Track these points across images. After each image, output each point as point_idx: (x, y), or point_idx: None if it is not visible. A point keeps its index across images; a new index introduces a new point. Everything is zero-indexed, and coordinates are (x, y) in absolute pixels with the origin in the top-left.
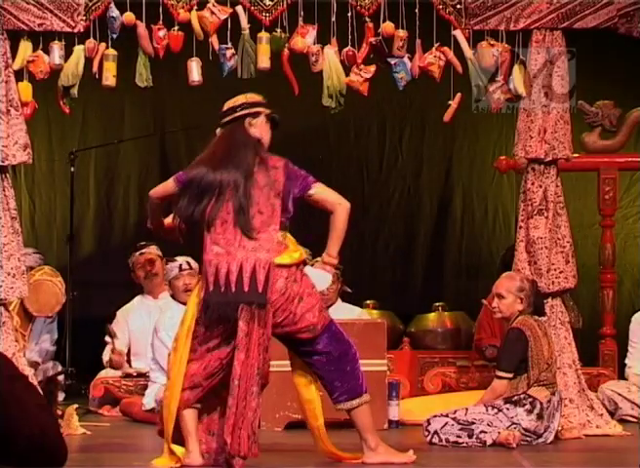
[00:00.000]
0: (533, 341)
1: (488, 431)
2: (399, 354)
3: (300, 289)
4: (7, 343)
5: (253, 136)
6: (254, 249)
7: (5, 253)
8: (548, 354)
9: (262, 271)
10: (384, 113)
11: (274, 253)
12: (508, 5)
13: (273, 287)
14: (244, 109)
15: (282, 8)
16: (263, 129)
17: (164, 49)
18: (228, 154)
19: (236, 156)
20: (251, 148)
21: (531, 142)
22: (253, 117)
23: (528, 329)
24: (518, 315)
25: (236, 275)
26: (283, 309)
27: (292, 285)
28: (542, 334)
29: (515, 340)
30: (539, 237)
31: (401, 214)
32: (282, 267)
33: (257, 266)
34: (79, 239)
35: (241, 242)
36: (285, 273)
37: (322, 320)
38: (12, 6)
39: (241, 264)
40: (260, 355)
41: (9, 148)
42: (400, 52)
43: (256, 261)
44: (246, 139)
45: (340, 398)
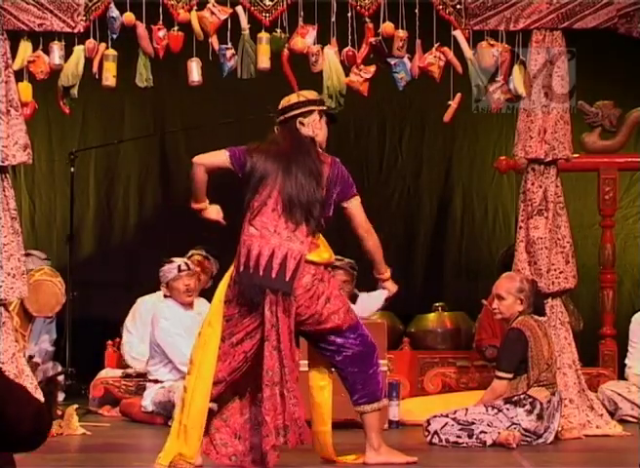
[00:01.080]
0: (533, 342)
1: (488, 431)
2: (399, 354)
3: (326, 289)
4: (7, 343)
5: (305, 135)
6: (288, 238)
7: (5, 254)
8: (548, 354)
9: (293, 261)
10: (384, 113)
11: (307, 247)
12: (508, 5)
13: (300, 281)
14: (294, 109)
15: (282, 8)
16: (317, 126)
17: (164, 49)
18: (285, 153)
19: (294, 155)
20: (304, 148)
21: (531, 143)
22: (304, 116)
23: (528, 329)
24: (518, 315)
25: (266, 259)
26: (307, 306)
27: (318, 283)
28: (543, 335)
29: (515, 341)
30: (538, 237)
31: (401, 214)
32: (311, 264)
33: (288, 255)
34: (79, 239)
35: (277, 228)
36: (313, 270)
37: (348, 321)
38: (12, 6)
39: (273, 250)
40: (290, 346)
41: (9, 148)
42: (400, 52)
43: (288, 250)
44: (298, 140)
45: (359, 400)
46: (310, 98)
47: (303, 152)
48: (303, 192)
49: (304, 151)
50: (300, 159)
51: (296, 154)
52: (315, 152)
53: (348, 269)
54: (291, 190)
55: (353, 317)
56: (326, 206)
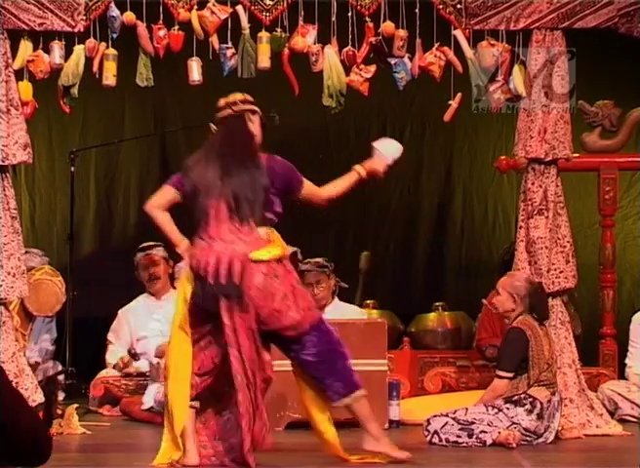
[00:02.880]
0: (534, 341)
1: (488, 431)
2: (399, 354)
3: (281, 285)
4: (7, 343)
5: (252, 133)
6: (232, 241)
7: (5, 253)
8: (549, 354)
9: (239, 263)
10: (385, 113)
11: (252, 247)
12: (508, 5)
13: (251, 282)
14: (244, 104)
15: (282, 7)
16: (257, 128)
17: (164, 48)
18: (229, 148)
19: (236, 150)
20: (250, 143)
21: (531, 142)
22: (252, 114)
23: (529, 328)
24: (518, 315)
25: (214, 267)
26: (263, 306)
27: (272, 280)
28: (544, 334)
29: (516, 340)
30: (539, 237)
31: (401, 213)
32: (260, 263)
33: (234, 258)
34: (79, 238)
35: (220, 235)
36: (264, 268)
37: (309, 318)
38: (12, 5)
39: (219, 256)
40: (253, 348)
41: (9, 148)
42: (400, 51)
43: (233, 253)
44: (247, 134)
45: (334, 396)
46: (253, 101)
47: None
48: (246, 187)
49: (245, 145)
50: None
51: (234, 152)
52: (255, 148)
53: (316, 270)
54: (234, 189)
55: (315, 314)
56: (270, 201)
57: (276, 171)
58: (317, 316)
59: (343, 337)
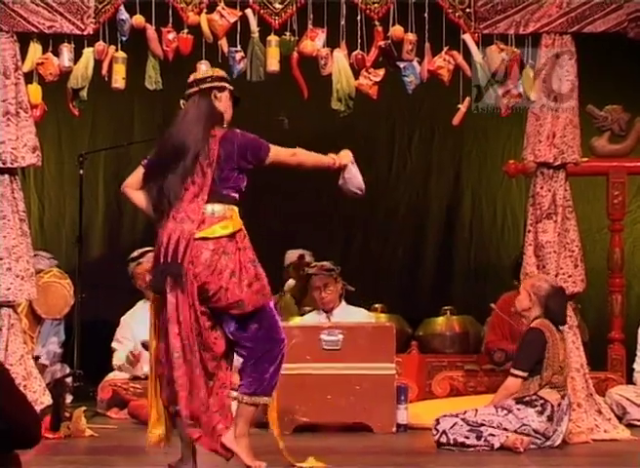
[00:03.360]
0: (551, 343)
1: (496, 434)
2: (407, 358)
3: (230, 262)
4: (15, 345)
5: (219, 111)
6: (181, 220)
7: (14, 256)
8: (563, 357)
9: (184, 242)
10: (394, 117)
11: (197, 225)
12: (518, 9)
13: (198, 259)
14: (212, 82)
15: (291, 11)
16: (227, 104)
17: (173, 51)
18: (190, 126)
19: (197, 128)
20: (214, 121)
21: (540, 146)
22: (219, 91)
23: (547, 330)
24: (536, 317)
25: (164, 246)
26: (210, 282)
27: (220, 257)
28: (560, 338)
29: (534, 341)
30: (547, 241)
31: (410, 217)
32: (208, 240)
33: (180, 237)
34: (88, 241)
35: (172, 213)
36: (211, 246)
37: (253, 300)
38: (22, 8)
39: (170, 235)
40: (195, 327)
41: (18, 150)
42: (409, 55)
43: (180, 232)
44: (211, 111)
45: (240, 389)
46: (225, 76)
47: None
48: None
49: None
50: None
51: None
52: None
53: (324, 273)
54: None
55: (260, 299)
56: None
57: (234, 145)
58: (262, 302)
59: (351, 341)
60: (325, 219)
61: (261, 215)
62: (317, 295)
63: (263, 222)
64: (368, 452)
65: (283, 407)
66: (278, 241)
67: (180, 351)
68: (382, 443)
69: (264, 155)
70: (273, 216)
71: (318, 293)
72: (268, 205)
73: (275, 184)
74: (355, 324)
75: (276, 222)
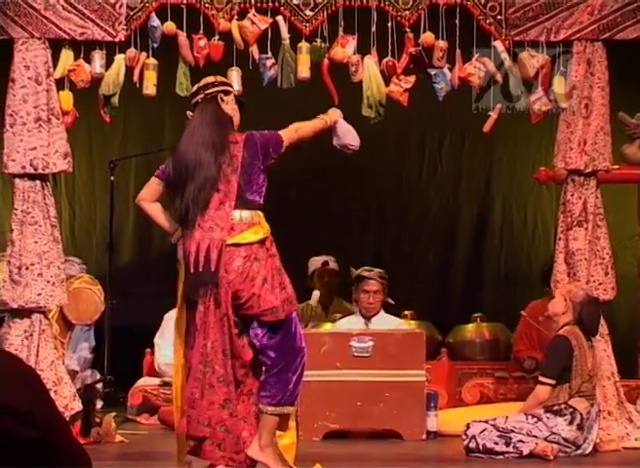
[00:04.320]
0: (578, 351)
1: (526, 441)
2: (437, 365)
3: (262, 268)
4: (46, 351)
5: (226, 114)
6: (210, 228)
7: (45, 262)
8: (591, 366)
9: (215, 250)
10: (424, 123)
11: (227, 232)
12: (549, 16)
13: (230, 266)
14: (216, 87)
15: (322, 18)
16: (233, 107)
17: (204, 58)
18: (204, 132)
19: (211, 134)
20: (225, 125)
21: (571, 153)
22: (225, 94)
23: (574, 338)
24: (566, 324)
25: (194, 256)
26: (242, 289)
27: (252, 264)
28: (588, 346)
29: (560, 348)
30: (578, 248)
31: (440, 224)
32: (239, 246)
33: (210, 246)
34: (119, 247)
35: (199, 222)
36: (243, 252)
37: (286, 309)
38: (54, 15)
39: (198, 244)
40: (223, 336)
41: (49, 157)
42: (440, 62)
43: (210, 241)
44: (221, 115)
45: (264, 400)
46: (226, 81)
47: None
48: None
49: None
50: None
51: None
52: (227, 129)
53: (378, 279)
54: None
55: (291, 308)
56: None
57: (257, 146)
58: (291, 310)
59: (381, 348)
60: (355, 225)
61: (288, 220)
62: (364, 299)
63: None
64: (397, 460)
65: (313, 413)
66: (305, 246)
67: (198, 364)
68: (412, 450)
69: (281, 145)
70: (301, 221)
71: (366, 297)
72: (296, 209)
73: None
74: (385, 330)
75: (303, 227)
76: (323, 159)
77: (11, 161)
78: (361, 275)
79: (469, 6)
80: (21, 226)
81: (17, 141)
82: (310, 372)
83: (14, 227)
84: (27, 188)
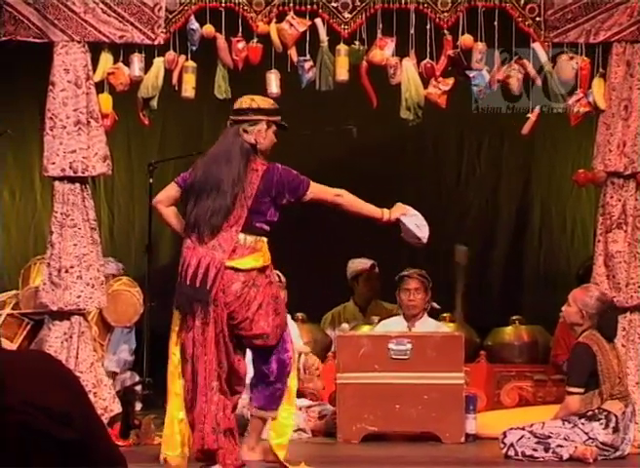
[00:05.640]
0: (601, 356)
1: (565, 445)
2: (475, 367)
3: (259, 294)
4: (85, 353)
5: (245, 141)
6: (213, 247)
7: (84, 264)
8: (619, 368)
9: (214, 270)
10: (462, 126)
11: (229, 254)
12: (588, 18)
13: (229, 289)
14: (242, 115)
15: (361, 20)
16: (261, 135)
17: (243, 61)
18: (221, 158)
19: (228, 160)
20: (245, 156)
21: (610, 156)
22: (250, 124)
23: (594, 343)
24: (585, 330)
25: (193, 269)
26: (238, 312)
27: (249, 289)
28: (610, 348)
29: (582, 355)
30: (617, 251)
31: (479, 225)
32: (240, 271)
33: (210, 264)
34: (157, 249)
35: (205, 239)
36: (242, 277)
37: (276, 334)
38: (93, 18)
39: (200, 260)
40: (219, 352)
41: (89, 159)
42: (478, 64)
43: (211, 259)
44: (240, 147)
45: (255, 404)
46: (262, 107)
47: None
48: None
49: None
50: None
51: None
52: (245, 161)
53: (417, 277)
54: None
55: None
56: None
57: (273, 180)
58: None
59: (420, 350)
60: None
61: (325, 223)
62: (405, 297)
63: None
64: (436, 462)
65: (351, 416)
66: (343, 250)
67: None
68: (451, 453)
69: (303, 192)
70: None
71: (407, 296)
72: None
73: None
74: (424, 333)
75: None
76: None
77: (51, 164)
78: (401, 275)
79: (508, 8)
80: (61, 229)
81: (56, 144)
82: (348, 375)
83: (53, 230)
84: (67, 191)
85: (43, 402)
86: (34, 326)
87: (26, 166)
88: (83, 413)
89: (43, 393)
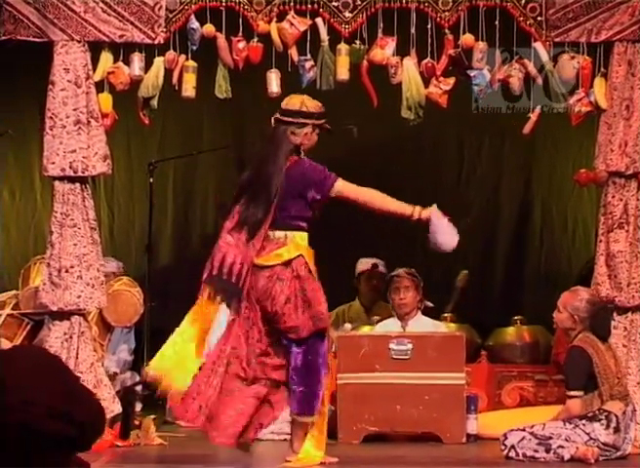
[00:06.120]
0: (597, 357)
1: (566, 446)
2: (477, 367)
3: (285, 288)
4: (85, 353)
5: (292, 143)
6: (248, 244)
7: (84, 264)
8: (616, 368)
9: (245, 267)
10: (462, 125)
11: (258, 252)
12: (590, 17)
13: (256, 285)
14: (291, 117)
15: (361, 20)
16: (306, 137)
17: (243, 60)
18: (269, 159)
19: (275, 162)
20: (285, 156)
21: (612, 155)
22: (298, 127)
23: (589, 346)
24: (578, 333)
25: (229, 265)
26: (266, 307)
27: (274, 284)
28: (606, 349)
29: (577, 358)
30: (619, 251)
31: (479, 225)
32: (263, 268)
33: (243, 263)
34: (157, 249)
35: (247, 239)
36: (266, 273)
37: (308, 326)
38: (93, 17)
39: (235, 256)
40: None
41: (89, 159)
42: (479, 64)
43: (243, 258)
44: (284, 147)
45: (293, 409)
46: (311, 111)
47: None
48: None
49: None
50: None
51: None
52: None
53: (406, 275)
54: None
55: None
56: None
57: (297, 174)
58: (317, 327)
59: (421, 350)
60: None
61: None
62: (395, 297)
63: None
64: (437, 463)
65: (352, 416)
66: (348, 249)
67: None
68: (452, 453)
69: (328, 188)
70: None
71: (397, 295)
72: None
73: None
74: (425, 333)
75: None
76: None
77: (50, 164)
78: (390, 275)
79: (509, 7)
80: (61, 229)
81: (56, 144)
82: (349, 375)
83: (53, 230)
84: (67, 191)
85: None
86: (34, 326)
87: (26, 166)
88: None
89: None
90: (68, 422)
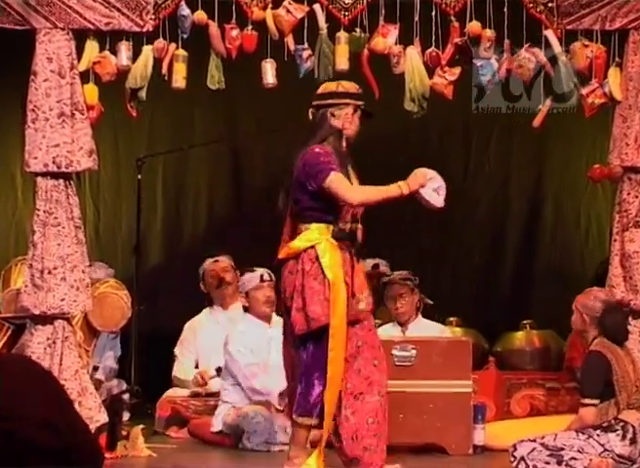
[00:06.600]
0: (616, 364)
1: (579, 458)
2: (484, 375)
3: (296, 280)
4: (70, 359)
5: (333, 126)
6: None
7: (68, 265)
8: (635, 375)
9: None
10: (469, 117)
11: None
12: (603, 3)
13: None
14: (329, 99)
15: (362, 6)
16: (348, 120)
17: (237, 49)
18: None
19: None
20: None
21: (627, 150)
22: (338, 108)
23: (609, 351)
24: (595, 338)
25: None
26: (284, 299)
27: (286, 277)
28: (625, 354)
29: (596, 364)
30: (634, 251)
31: (487, 223)
32: (283, 262)
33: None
34: (146, 249)
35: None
36: (287, 267)
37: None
38: (78, 4)
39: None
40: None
41: (73, 154)
42: (487, 53)
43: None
44: (320, 131)
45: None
46: (350, 91)
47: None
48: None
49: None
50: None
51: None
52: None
53: (400, 282)
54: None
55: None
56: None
57: (300, 164)
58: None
59: (425, 356)
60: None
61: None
62: (391, 306)
63: None
64: None
65: None
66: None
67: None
68: (458, 465)
69: (320, 181)
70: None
71: (392, 304)
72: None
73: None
74: (429, 338)
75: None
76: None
77: (33, 159)
78: (383, 281)
79: None
80: (44, 228)
81: (39, 138)
82: None
83: (35, 229)
84: (50, 187)
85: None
86: (15, 331)
87: (7, 161)
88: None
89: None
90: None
